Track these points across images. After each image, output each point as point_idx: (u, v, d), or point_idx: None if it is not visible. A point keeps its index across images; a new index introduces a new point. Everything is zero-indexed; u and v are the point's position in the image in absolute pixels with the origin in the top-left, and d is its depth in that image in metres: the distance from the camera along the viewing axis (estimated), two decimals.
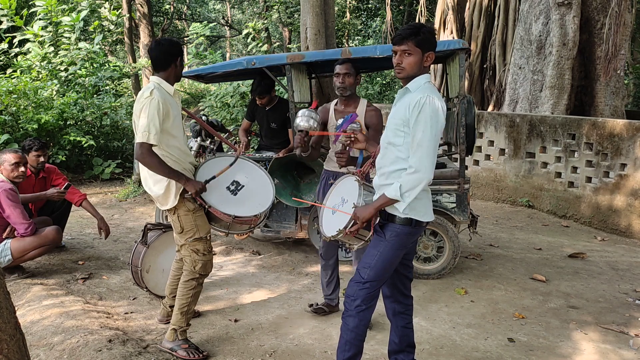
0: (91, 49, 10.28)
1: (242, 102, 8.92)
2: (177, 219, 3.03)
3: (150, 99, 2.81)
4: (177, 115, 2.98)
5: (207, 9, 28.37)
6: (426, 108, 2.35)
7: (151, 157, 2.80)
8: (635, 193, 5.94)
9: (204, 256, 3.08)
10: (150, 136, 2.77)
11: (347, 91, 3.46)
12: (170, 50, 2.96)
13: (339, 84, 3.45)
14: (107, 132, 9.12)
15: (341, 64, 3.47)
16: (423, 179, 2.37)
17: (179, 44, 3.04)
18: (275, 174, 4.34)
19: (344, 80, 3.43)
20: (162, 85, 2.96)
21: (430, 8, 14.56)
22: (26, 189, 4.51)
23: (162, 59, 2.97)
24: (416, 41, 2.40)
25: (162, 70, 2.99)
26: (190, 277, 3.08)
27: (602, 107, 8.52)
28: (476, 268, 4.72)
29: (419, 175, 2.36)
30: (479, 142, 7.64)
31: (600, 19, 8.40)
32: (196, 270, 3.07)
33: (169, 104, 2.89)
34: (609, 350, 3.28)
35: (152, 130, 2.77)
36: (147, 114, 2.78)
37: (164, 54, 2.96)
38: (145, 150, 2.78)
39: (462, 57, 4.15)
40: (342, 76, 3.44)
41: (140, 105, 2.84)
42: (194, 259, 3.06)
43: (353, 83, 3.46)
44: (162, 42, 2.98)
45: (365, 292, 2.54)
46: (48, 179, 4.77)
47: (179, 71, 3.03)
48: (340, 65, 3.47)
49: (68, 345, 3.03)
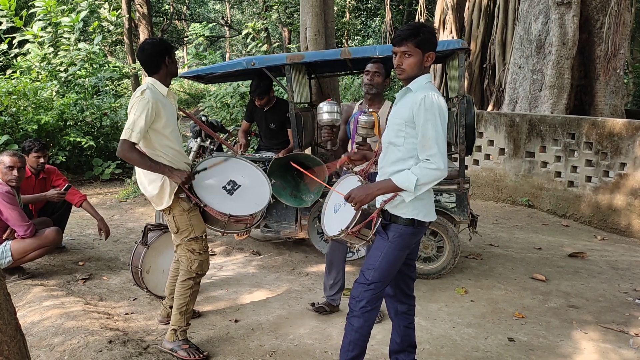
0: (91, 50, 10.29)
1: (241, 102, 8.92)
2: (173, 219, 3.04)
3: (140, 98, 2.84)
4: (170, 117, 2.98)
5: (206, 9, 28.38)
6: (434, 106, 2.35)
7: (131, 152, 2.81)
8: (635, 192, 5.95)
9: (200, 255, 3.09)
10: (132, 134, 2.79)
11: (374, 89, 3.58)
12: (155, 52, 2.96)
13: (367, 81, 3.60)
14: (107, 133, 9.12)
15: (374, 62, 3.58)
16: (442, 176, 2.37)
17: (163, 42, 3.02)
18: (275, 175, 4.34)
19: (372, 78, 3.58)
20: (155, 86, 2.97)
21: (429, 8, 14.56)
22: (26, 189, 4.51)
23: (150, 62, 2.97)
24: (416, 42, 2.40)
25: (153, 73, 2.99)
26: (187, 277, 3.09)
27: (602, 106, 8.53)
28: (476, 268, 4.73)
29: (439, 172, 2.35)
30: (478, 142, 7.64)
31: (599, 18, 8.41)
32: (193, 270, 3.08)
33: (160, 105, 2.89)
34: (609, 350, 3.28)
35: (136, 129, 2.79)
36: (134, 112, 2.81)
37: (150, 57, 2.96)
38: (126, 147, 2.80)
39: (461, 56, 4.16)
40: (371, 74, 3.59)
41: (130, 104, 2.88)
42: (190, 258, 3.07)
43: (381, 83, 3.58)
44: (145, 47, 2.98)
45: (370, 293, 2.54)
46: (48, 179, 4.77)
47: (171, 69, 3.02)
48: (372, 64, 3.58)
49: (69, 346, 3.03)
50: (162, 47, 2.98)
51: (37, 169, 4.58)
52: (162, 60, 2.97)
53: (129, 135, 2.79)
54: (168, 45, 3.01)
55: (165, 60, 2.98)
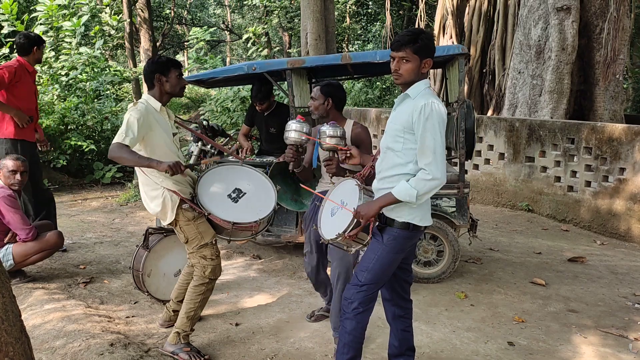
0: (92, 54, 10.33)
1: (242, 106, 8.95)
2: (180, 230, 3.09)
3: (133, 108, 2.95)
4: (165, 132, 3.06)
5: (207, 14, 28.46)
6: (433, 115, 2.38)
7: (120, 149, 2.81)
8: (634, 197, 5.97)
9: (212, 261, 3.13)
10: (126, 139, 2.84)
11: (314, 114, 3.42)
12: (149, 70, 3.07)
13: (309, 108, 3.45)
14: (107, 137, 9.14)
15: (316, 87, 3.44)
16: (440, 184, 2.41)
17: (160, 60, 3.09)
18: (275, 179, 4.35)
19: (310, 105, 3.42)
20: (149, 101, 3.08)
21: (429, 13, 14.63)
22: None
23: (146, 78, 3.10)
24: (414, 48, 2.43)
25: (150, 88, 3.11)
26: (200, 282, 3.13)
27: (601, 111, 8.56)
28: (476, 272, 4.74)
29: (437, 181, 2.38)
30: (478, 147, 7.66)
31: (599, 24, 8.45)
32: (206, 275, 3.12)
33: (153, 119, 2.99)
34: (608, 354, 3.29)
35: (130, 134, 2.84)
36: (127, 120, 2.89)
37: (146, 73, 3.10)
38: (115, 146, 2.81)
39: (461, 62, 4.18)
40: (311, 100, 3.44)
41: (125, 115, 2.96)
42: (203, 264, 3.11)
43: (319, 107, 3.39)
44: (146, 63, 3.13)
45: (362, 295, 2.56)
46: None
47: (165, 88, 3.08)
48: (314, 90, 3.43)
49: (70, 349, 3.04)
50: (157, 66, 3.07)
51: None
52: (154, 77, 3.06)
53: (122, 139, 2.83)
54: (164, 65, 3.07)
55: (158, 78, 3.06)
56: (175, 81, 3.09)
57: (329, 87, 3.38)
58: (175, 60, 3.13)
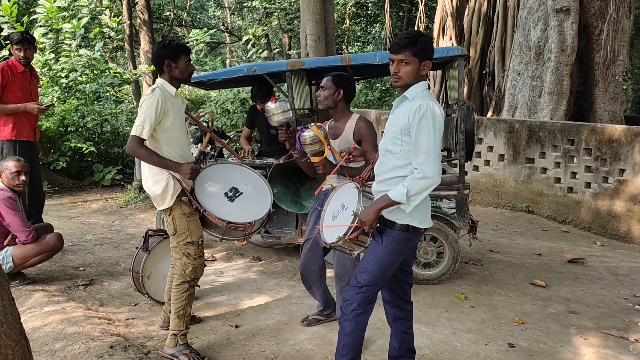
0: (92, 56, 10.32)
1: (242, 108, 8.96)
2: (172, 220, 3.08)
3: (150, 95, 2.93)
4: (177, 117, 3.05)
5: (207, 16, 28.45)
6: (428, 115, 2.38)
7: (140, 148, 2.89)
8: (634, 198, 5.96)
9: (194, 260, 3.11)
10: (143, 131, 2.87)
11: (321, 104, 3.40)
12: (157, 54, 3.06)
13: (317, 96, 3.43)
14: (107, 139, 9.15)
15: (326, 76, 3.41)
16: (432, 184, 2.39)
17: (170, 45, 3.04)
18: (275, 180, 4.36)
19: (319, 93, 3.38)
20: (164, 86, 3.06)
21: (429, 14, 14.64)
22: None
23: (156, 62, 3.09)
24: (413, 51, 2.43)
25: (161, 73, 3.09)
26: (181, 281, 3.12)
27: (601, 112, 8.56)
28: (476, 273, 4.74)
29: (428, 180, 2.37)
30: (478, 148, 7.66)
31: (598, 25, 8.45)
32: (186, 274, 3.10)
33: (169, 103, 2.98)
34: (609, 356, 3.29)
35: (147, 126, 2.86)
36: (145, 109, 2.89)
37: (155, 58, 3.08)
38: (135, 142, 2.88)
39: (461, 63, 4.19)
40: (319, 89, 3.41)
41: (141, 102, 2.96)
42: (185, 262, 3.10)
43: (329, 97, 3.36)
44: (155, 47, 3.11)
45: (361, 296, 2.56)
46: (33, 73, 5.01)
47: (175, 73, 3.06)
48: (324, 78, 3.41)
49: (70, 352, 3.04)
50: (165, 50, 3.03)
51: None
52: (163, 62, 3.04)
53: (140, 132, 2.87)
54: (171, 50, 3.03)
55: (167, 64, 3.03)
56: (184, 67, 3.07)
57: (341, 78, 3.35)
58: (185, 46, 3.09)
